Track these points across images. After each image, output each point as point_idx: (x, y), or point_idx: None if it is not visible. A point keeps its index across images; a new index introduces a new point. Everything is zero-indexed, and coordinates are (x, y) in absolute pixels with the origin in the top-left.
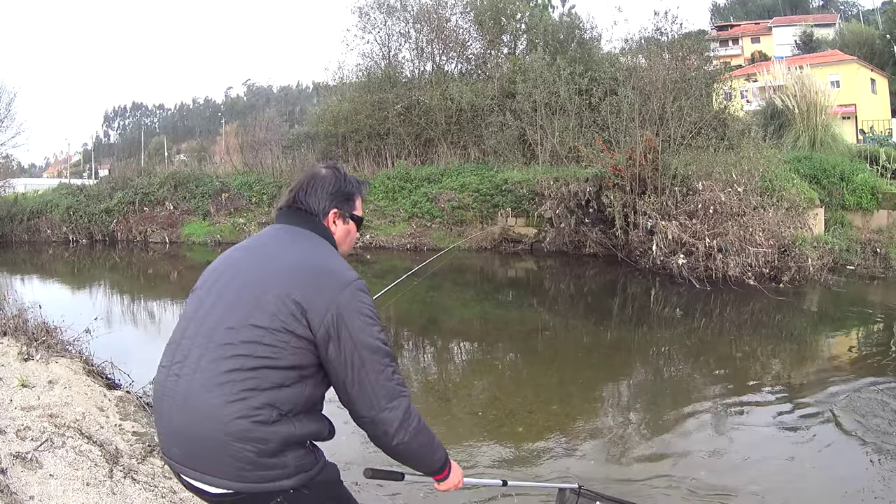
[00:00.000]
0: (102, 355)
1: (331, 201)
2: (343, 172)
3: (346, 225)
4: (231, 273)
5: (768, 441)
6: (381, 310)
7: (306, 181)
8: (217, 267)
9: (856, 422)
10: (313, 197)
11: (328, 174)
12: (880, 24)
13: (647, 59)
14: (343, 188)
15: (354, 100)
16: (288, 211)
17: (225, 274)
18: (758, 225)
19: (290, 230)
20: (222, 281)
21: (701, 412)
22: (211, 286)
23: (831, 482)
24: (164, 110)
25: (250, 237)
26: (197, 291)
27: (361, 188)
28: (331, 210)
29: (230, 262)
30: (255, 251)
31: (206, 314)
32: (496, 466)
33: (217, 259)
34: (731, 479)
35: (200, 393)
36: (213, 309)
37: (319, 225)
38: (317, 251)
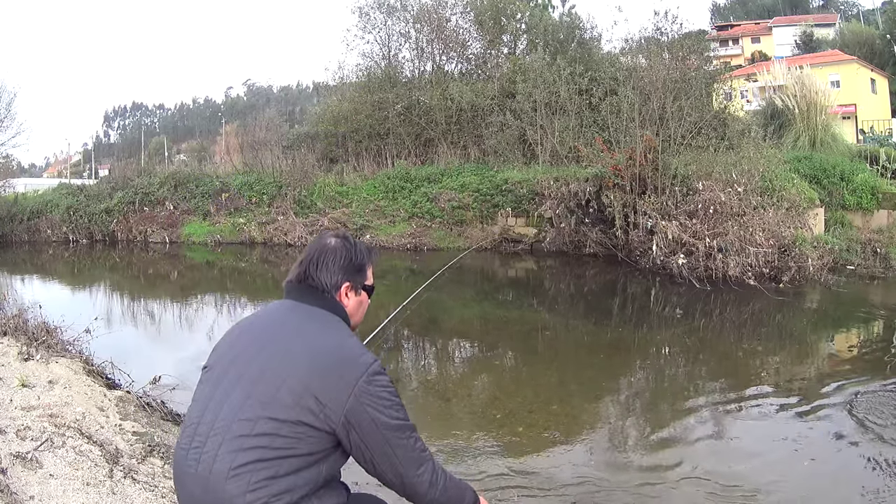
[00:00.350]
0: (102, 355)
1: (342, 275)
2: (353, 242)
3: (359, 296)
4: (245, 359)
5: (768, 440)
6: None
7: (316, 255)
8: (230, 348)
9: (856, 421)
10: (325, 272)
11: (338, 246)
12: (880, 23)
13: (648, 59)
14: (354, 260)
15: (354, 100)
16: (299, 287)
17: (240, 359)
18: (758, 225)
19: (303, 310)
20: (237, 366)
21: (701, 412)
22: (226, 368)
23: (832, 480)
24: (164, 110)
25: (263, 311)
26: (211, 372)
27: (372, 256)
28: (343, 284)
29: (244, 345)
30: (270, 335)
31: (222, 402)
32: (497, 466)
33: (230, 335)
34: (730, 478)
35: (220, 481)
36: (228, 398)
37: (332, 302)
38: (331, 337)
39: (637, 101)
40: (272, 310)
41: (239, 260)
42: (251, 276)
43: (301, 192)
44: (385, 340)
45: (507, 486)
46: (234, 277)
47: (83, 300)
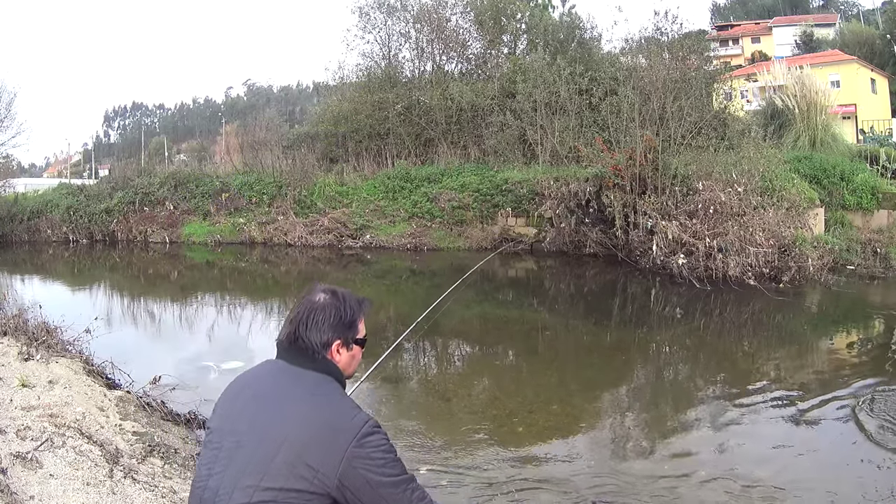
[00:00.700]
0: (103, 355)
1: (333, 333)
2: (342, 297)
3: (351, 351)
4: (243, 428)
5: (768, 440)
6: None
7: (305, 314)
8: (229, 413)
9: (858, 422)
10: (315, 332)
11: (328, 303)
12: (880, 23)
13: (648, 59)
14: (344, 317)
15: (355, 100)
16: (290, 348)
17: (237, 427)
18: (758, 225)
19: (294, 373)
20: (236, 435)
21: (701, 412)
22: (226, 436)
23: (835, 481)
24: (164, 110)
25: (257, 372)
26: (213, 436)
27: (363, 308)
28: (334, 342)
29: (240, 411)
30: (264, 403)
31: (223, 470)
32: (497, 466)
33: (228, 396)
34: (730, 477)
35: None
36: (228, 468)
37: (323, 362)
38: (321, 402)
39: (637, 101)
40: (265, 372)
41: (239, 260)
42: (251, 276)
43: (301, 192)
44: (385, 340)
45: (507, 486)
46: (234, 277)
47: (83, 300)
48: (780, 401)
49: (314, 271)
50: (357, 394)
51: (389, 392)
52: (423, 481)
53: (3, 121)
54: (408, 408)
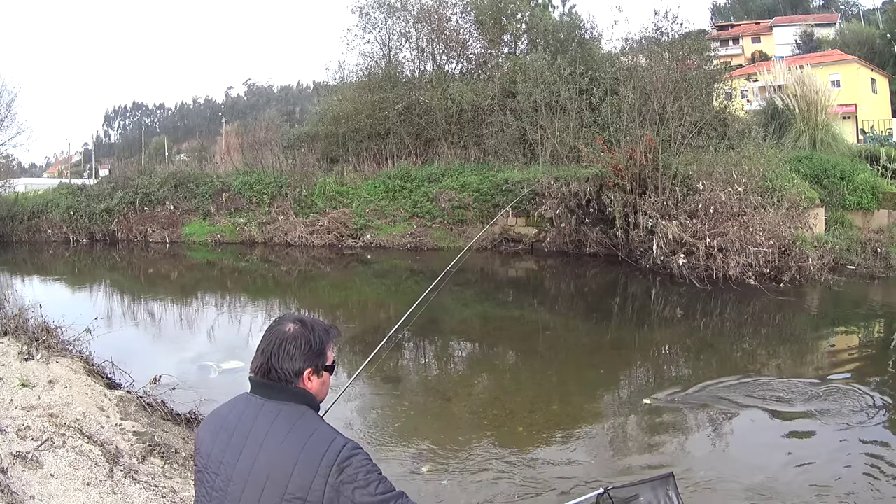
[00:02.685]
0: (103, 355)
1: (304, 362)
2: (310, 326)
3: (320, 378)
4: (228, 469)
5: (769, 440)
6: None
7: (276, 344)
8: (211, 453)
9: (859, 422)
10: (287, 361)
11: (297, 333)
12: (881, 23)
13: (648, 59)
14: (314, 345)
15: (355, 99)
16: (263, 381)
17: (223, 468)
18: (758, 225)
19: (271, 408)
20: (222, 477)
21: (701, 412)
22: (214, 476)
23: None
24: (164, 110)
25: (234, 408)
26: (203, 474)
27: (330, 336)
28: (305, 370)
29: (222, 451)
30: (244, 443)
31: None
32: (497, 466)
33: (208, 433)
34: (731, 477)
35: None
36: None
37: (297, 391)
38: (301, 433)
39: (637, 101)
40: (242, 409)
41: (239, 260)
42: (251, 276)
43: (301, 191)
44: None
45: (507, 486)
46: (235, 277)
47: (83, 300)
48: (781, 401)
49: (314, 271)
50: (357, 394)
51: (390, 392)
52: (424, 481)
53: (3, 121)
54: (408, 407)
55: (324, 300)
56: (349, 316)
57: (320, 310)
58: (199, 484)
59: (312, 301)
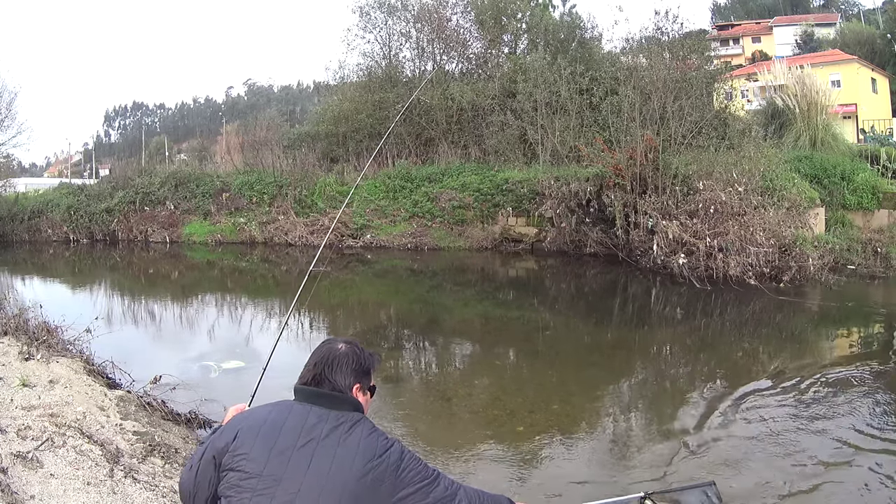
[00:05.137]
0: (103, 355)
1: (354, 377)
2: (360, 348)
3: (365, 396)
4: (291, 480)
5: (769, 440)
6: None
7: (329, 358)
8: (266, 461)
9: (859, 422)
10: (339, 375)
11: (348, 350)
12: (881, 23)
13: (648, 59)
14: (364, 364)
15: (355, 99)
16: (315, 391)
17: (287, 476)
18: (758, 224)
19: (326, 416)
20: (285, 487)
21: (702, 412)
22: (273, 486)
23: (835, 480)
24: (164, 110)
25: (285, 415)
26: (256, 482)
27: (375, 361)
28: (354, 385)
29: (281, 459)
30: (306, 451)
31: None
32: (497, 466)
33: (255, 438)
34: (731, 477)
35: None
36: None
37: (351, 400)
38: (354, 440)
39: (637, 101)
40: (286, 414)
41: (239, 259)
42: (252, 276)
43: (302, 191)
44: (385, 340)
45: (507, 486)
46: (235, 277)
47: (84, 300)
48: (781, 401)
49: (314, 271)
50: None
51: (390, 392)
52: None
53: (3, 120)
54: (408, 407)
55: (324, 300)
56: (349, 316)
57: (320, 310)
58: (247, 492)
59: (312, 301)
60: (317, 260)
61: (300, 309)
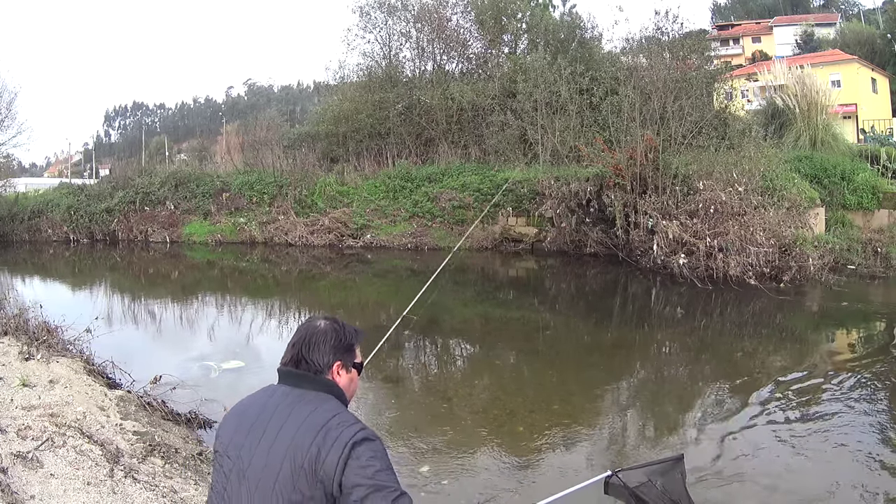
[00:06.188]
0: (103, 355)
1: (334, 355)
2: (342, 324)
3: (349, 374)
4: (248, 453)
5: (769, 440)
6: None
7: (307, 337)
8: (233, 439)
9: (859, 422)
10: (317, 353)
11: (328, 328)
12: (881, 23)
13: (648, 59)
14: (344, 340)
15: (355, 99)
16: (293, 371)
17: (243, 452)
18: (759, 224)
19: (297, 395)
20: (242, 460)
21: (701, 412)
22: (234, 462)
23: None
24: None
25: (260, 396)
26: (221, 460)
27: (359, 336)
28: (334, 363)
29: (244, 436)
30: (266, 427)
31: (231, 497)
32: (497, 466)
33: (231, 420)
34: (732, 477)
35: None
36: (237, 494)
37: (325, 382)
38: (320, 416)
39: (638, 101)
40: (268, 396)
41: (239, 259)
42: (252, 276)
43: (302, 191)
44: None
45: (507, 486)
46: (235, 277)
47: (84, 300)
48: (781, 401)
49: (315, 271)
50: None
51: (391, 392)
52: (424, 481)
53: (3, 120)
54: (409, 407)
55: (324, 300)
56: (349, 316)
57: (320, 310)
58: (216, 472)
59: (312, 300)
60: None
61: (300, 310)
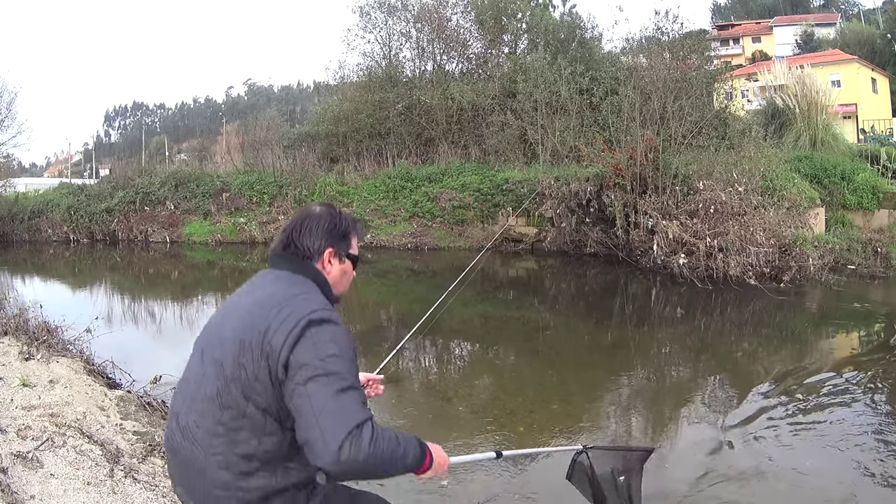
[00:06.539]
0: (103, 355)
1: (325, 240)
2: (338, 211)
3: (342, 264)
4: (213, 329)
5: (769, 440)
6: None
7: (300, 220)
8: (212, 319)
9: (859, 423)
10: (307, 237)
11: (323, 212)
12: (881, 23)
13: (648, 59)
14: (339, 226)
15: (355, 99)
16: (282, 255)
17: (210, 329)
18: (759, 224)
19: (276, 275)
20: (207, 337)
21: (701, 412)
22: (201, 341)
23: (836, 482)
24: (164, 110)
25: (247, 283)
26: (196, 344)
27: (357, 226)
28: (326, 249)
29: (218, 316)
30: (236, 304)
31: (195, 371)
32: (497, 466)
33: (222, 306)
34: (732, 478)
35: (192, 448)
36: (200, 366)
37: (311, 268)
38: (287, 290)
39: (638, 101)
40: (251, 280)
41: (240, 259)
42: (252, 276)
43: (302, 191)
44: (386, 340)
45: (507, 486)
46: (235, 277)
47: (84, 300)
48: (781, 401)
49: None
50: None
51: (390, 392)
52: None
53: (3, 120)
54: (408, 407)
55: None
56: (349, 316)
57: None
58: (191, 356)
59: None
60: None
61: None
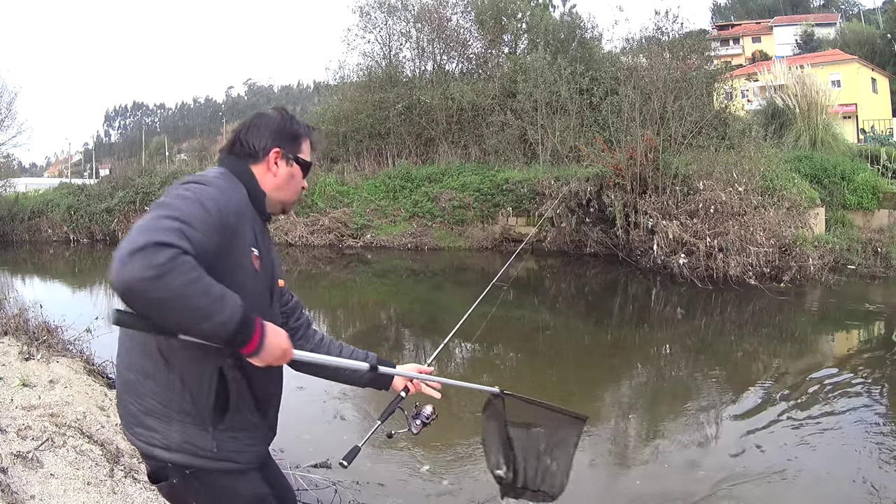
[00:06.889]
0: (103, 355)
1: (273, 139)
2: (290, 115)
3: (290, 168)
4: None
5: (769, 441)
6: None
7: (250, 119)
8: None
9: (859, 422)
10: (254, 134)
11: (274, 113)
12: (881, 23)
13: (648, 59)
14: (288, 127)
15: (355, 99)
16: (226, 154)
17: None
18: (759, 224)
19: (215, 173)
20: None
21: (701, 412)
22: None
23: (836, 482)
24: (164, 110)
25: None
26: None
27: (311, 133)
28: (272, 149)
29: None
30: None
31: None
32: None
33: None
34: (732, 479)
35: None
36: None
37: (242, 165)
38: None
39: (638, 101)
40: None
41: None
42: None
43: None
44: (386, 340)
45: None
46: None
47: (84, 299)
48: (781, 401)
49: (315, 270)
50: (356, 394)
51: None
52: (424, 481)
53: (3, 120)
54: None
55: (324, 299)
56: (350, 316)
57: (320, 309)
58: None
59: (312, 300)
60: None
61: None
